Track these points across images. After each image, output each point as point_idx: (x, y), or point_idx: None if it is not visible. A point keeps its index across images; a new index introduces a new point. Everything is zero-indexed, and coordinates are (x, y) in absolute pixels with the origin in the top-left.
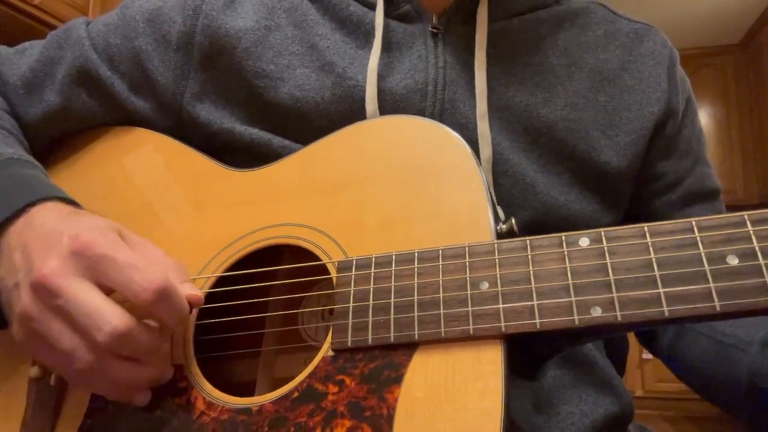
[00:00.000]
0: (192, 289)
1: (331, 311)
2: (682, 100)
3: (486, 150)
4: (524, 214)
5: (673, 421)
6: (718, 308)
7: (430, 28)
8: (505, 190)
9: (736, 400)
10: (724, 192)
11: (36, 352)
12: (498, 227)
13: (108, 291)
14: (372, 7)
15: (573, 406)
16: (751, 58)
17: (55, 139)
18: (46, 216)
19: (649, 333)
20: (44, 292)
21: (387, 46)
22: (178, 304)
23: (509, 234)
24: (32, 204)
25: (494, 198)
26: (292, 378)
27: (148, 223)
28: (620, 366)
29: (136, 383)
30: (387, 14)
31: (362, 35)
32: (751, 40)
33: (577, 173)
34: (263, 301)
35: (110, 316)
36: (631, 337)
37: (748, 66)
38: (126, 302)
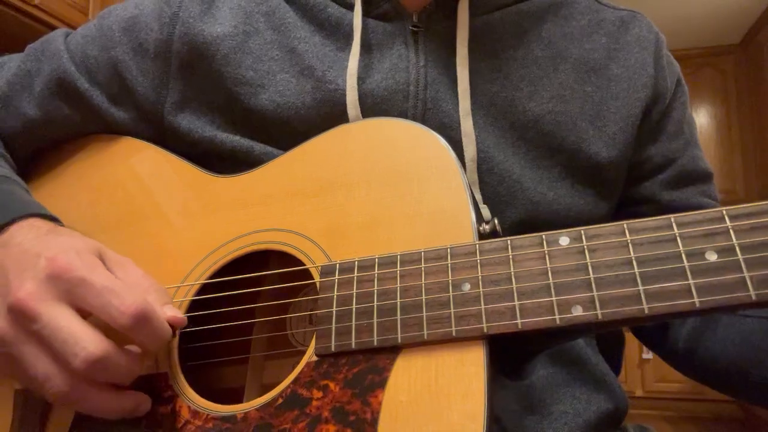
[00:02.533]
0: (173, 311)
1: (316, 315)
2: (671, 84)
3: (470, 148)
4: (512, 211)
5: (673, 421)
6: (697, 304)
7: (410, 27)
8: (492, 189)
9: None
10: (724, 192)
11: (12, 375)
12: (481, 227)
13: (86, 315)
14: (350, 7)
15: (566, 405)
16: (751, 58)
17: (39, 149)
18: (23, 235)
19: (657, 327)
20: (20, 316)
21: (367, 47)
22: (158, 328)
23: (492, 234)
24: (10, 223)
25: (479, 197)
26: (279, 383)
27: (133, 231)
28: (616, 363)
29: (111, 413)
30: (366, 14)
31: (342, 37)
32: (751, 40)
33: (567, 166)
34: (250, 307)
35: (86, 342)
36: (630, 337)
37: (748, 66)
38: (106, 327)
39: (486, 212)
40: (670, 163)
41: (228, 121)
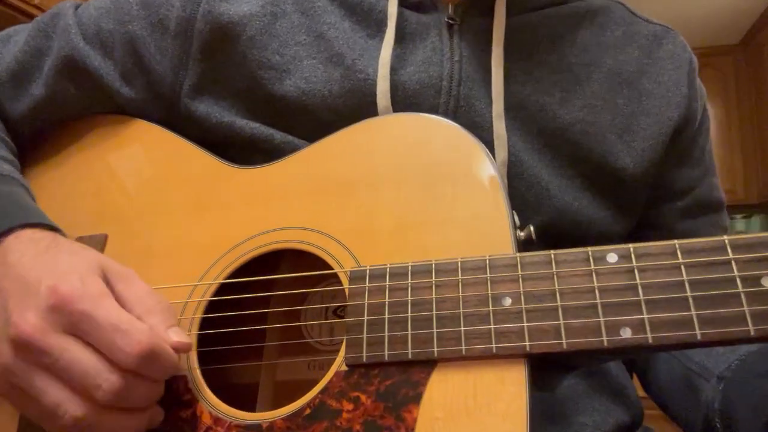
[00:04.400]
0: (179, 335)
1: (337, 314)
2: (700, 107)
3: (501, 151)
4: (538, 218)
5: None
6: (752, 332)
7: (446, 19)
8: (519, 194)
9: (694, 427)
10: (723, 192)
11: (19, 405)
12: (516, 234)
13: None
14: None
15: (586, 416)
16: (751, 58)
17: (44, 130)
18: (22, 251)
19: None
20: (27, 349)
21: (400, 37)
22: (165, 362)
23: (527, 241)
24: (9, 231)
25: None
26: (295, 381)
27: (146, 223)
28: (630, 367)
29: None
30: (400, 3)
31: (374, 24)
32: (751, 40)
33: (590, 177)
34: (268, 311)
35: (106, 374)
36: None
37: (748, 66)
38: None
39: (516, 218)
40: (689, 191)
41: (248, 106)
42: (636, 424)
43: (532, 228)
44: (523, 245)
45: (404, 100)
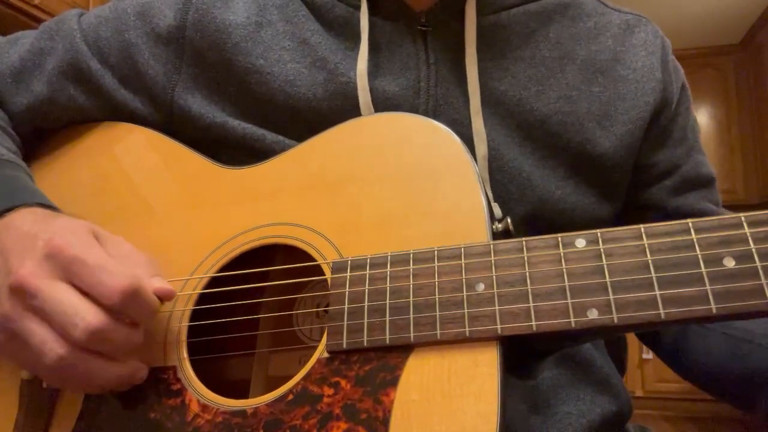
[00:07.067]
0: (161, 282)
1: (326, 311)
2: (676, 89)
3: (481, 146)
4: (521, 208)
5: (673, 421)
6: (714, 311)
7: (418, 26)
8: (502, 186)
9: (751, 394)
10: (724, 192)
11: (12, 354)
12: (493, 226)
13: (85, 293)
14: (357, 7)
15: (570, 406)
16: (751, 58)
17: (41, 131)
18: (23, 220)
19: (651, 331)
20: (21, 293)
21: (376, 46)
22: (144, 303)
23: (504, 233)
24: (11, 209)
25: (491, 195)
26: (287, 377)
27: (138, 222)
28: (620, 364)
29: (109, 380)
30: (373, 13)
31: (350, 36)
32: (751, 40)
33: (572, 166)
34: (258, 301)
35: (84, 313)
36: (631, 338)
37: (748, 66)
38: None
39: (497, 210)
40: (675, 170)
41: (239, 108)
42: (624, 415)
43: (509, 220)
44: (502, 236)
45: (385, 103)
